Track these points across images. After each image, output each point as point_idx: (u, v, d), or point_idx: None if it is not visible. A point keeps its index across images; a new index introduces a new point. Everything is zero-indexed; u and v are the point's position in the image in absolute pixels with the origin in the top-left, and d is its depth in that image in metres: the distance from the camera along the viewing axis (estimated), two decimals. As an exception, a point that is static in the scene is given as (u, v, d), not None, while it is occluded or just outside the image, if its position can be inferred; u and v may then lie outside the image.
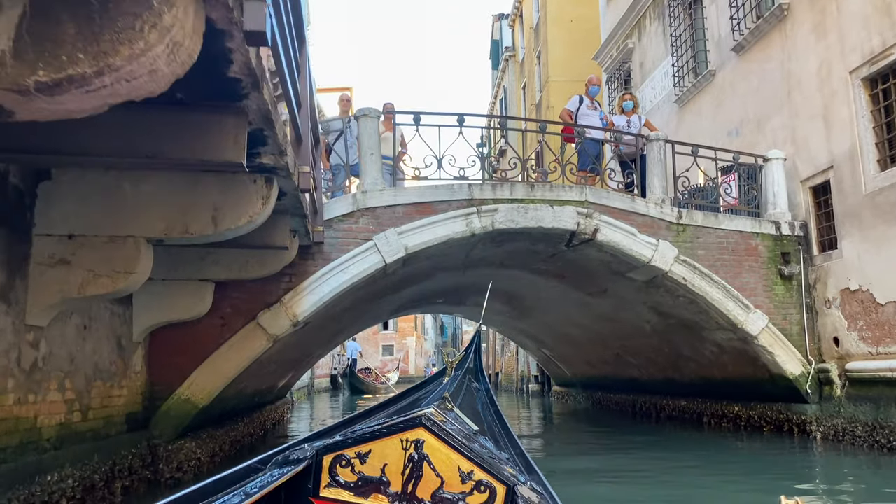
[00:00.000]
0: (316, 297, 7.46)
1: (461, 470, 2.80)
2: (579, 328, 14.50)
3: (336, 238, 7.70)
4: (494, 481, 2.78)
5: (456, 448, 2.83)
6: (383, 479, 2.84)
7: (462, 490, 2.79)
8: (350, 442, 2.92)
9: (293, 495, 2.85)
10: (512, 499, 2.75)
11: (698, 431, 11.41)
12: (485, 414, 4.58)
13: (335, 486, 2.86)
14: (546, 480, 3.35)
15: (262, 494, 2.57)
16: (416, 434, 2.87)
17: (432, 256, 8.80)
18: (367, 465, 2.86)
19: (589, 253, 9.27)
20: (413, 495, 2.81)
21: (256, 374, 8.65)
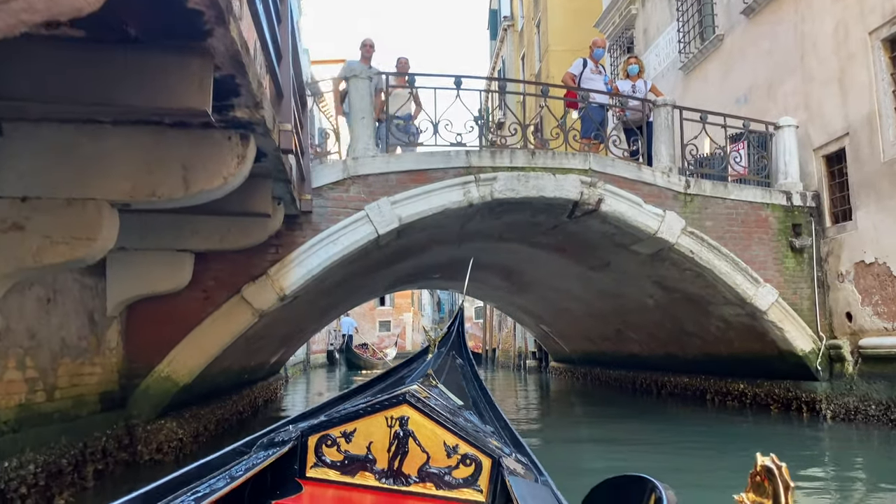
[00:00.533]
0: (304, 269, 7.04)
1: (446, 444, 2.81)
2: (579, 303, 14.13)
3: (325, 207, 7.27)
4: (480, 454, 2.80)
5: (441, 423, 2.83)
6: (369, 456, 2.84)
7: (448, 464, 2.81)
8: (335, 422, 2.90)
9: (279, 477, 2.83)
10: (498, 470, 2.77)
11: (701, 409, 11.09)
12: (469, 389, 4.60)
13: (322, 466, 2.85)
14: (531, 452, 3.36)
15: (248, 477, 2.53)
16: (400, 411, 2.86)
17: (427, 228, 8.37)
18: (353, 444, 2.85)
19: (592, 225, 8.85)
20: (400, 471, 2.82)
21: (244, 350, 8.27)
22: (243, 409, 10.30)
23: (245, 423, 9.93)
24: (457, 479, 2.81)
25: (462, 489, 2.80)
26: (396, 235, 7.90)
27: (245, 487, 2.56)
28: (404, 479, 2.83)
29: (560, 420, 12.17)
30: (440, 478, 2.81)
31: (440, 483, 2.81)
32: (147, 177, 4.13)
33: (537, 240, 10.30)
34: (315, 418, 3.14)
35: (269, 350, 10.67)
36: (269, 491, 2.77)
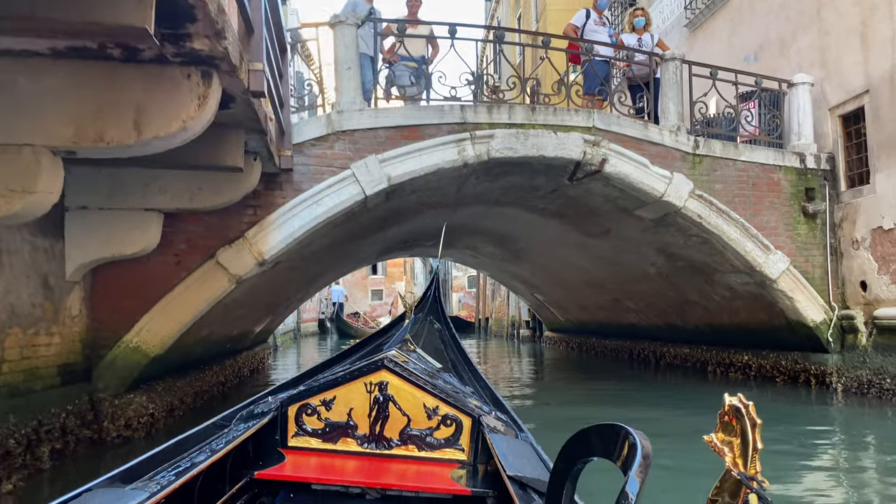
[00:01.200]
0: (284, 232, 6.50)
1: (426, 406, 2.85)
2: (576, 272, 13.66)
3: (308, 165, 6.70)
4: (460, 414, 2.85)
5: (420, 386, 2.87)
6: (350, 423, 2.86)
7: (429, 426, 2.85)
8: (314, 390, 2.91)
9: (261, 448, 2.82)
10: (478, 429, 2.82)
11: (702, 380, 10.71)
12: (448, 352, 4.65)
13: (303, 435, 2.87)
14: (511, 410, 3.40)
15: (229, 450, 2.50)
16: (379, 376, 2.88)
17: (419, 190, 7.83)
18: (333, 412, 2.87)
19: (594, 188, 8.32)
20: (381, 436, 2.85)
21: (223, 318, 7.76)
22: (226, 379, 9.83)
23: (228, 394, 9.49)
24: (438, 439, 2.85)
25: (444, 449, 2.85)
26: (385, 197, 7.36)
27: (226, 460, 2.52)
28: (386, 443, 2.85)
29: (553, 391, 11.78)
30: (422, 439, 2.85)
31: (422, 444, 2.85)
32: (94, 120, 3.58)
33: (535, 204, 9.77)
34: (294, 388, 3.13)
35: (253, 318, 10.17)
36: (251, 462, 2.73)
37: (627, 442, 1.26)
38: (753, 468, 0.99)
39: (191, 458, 2.34)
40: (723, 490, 1.01)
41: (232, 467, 2.58)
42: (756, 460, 0.99)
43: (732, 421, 1.03)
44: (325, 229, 7.09)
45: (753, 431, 0.99)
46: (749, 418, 1.00)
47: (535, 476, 2.27)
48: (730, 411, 1.03)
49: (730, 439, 1.02)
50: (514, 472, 2.28)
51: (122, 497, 1.89)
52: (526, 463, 2.44)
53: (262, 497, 2.75)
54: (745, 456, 1.00)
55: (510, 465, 2.34)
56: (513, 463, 2.37)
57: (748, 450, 0.99)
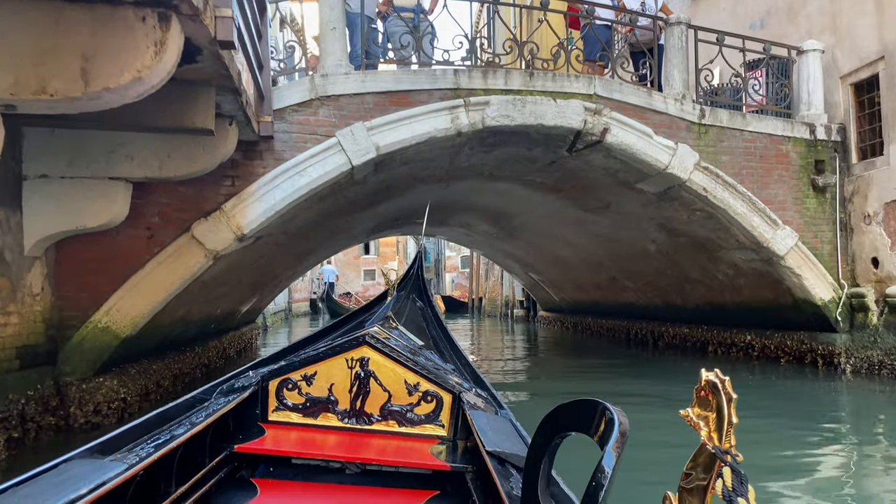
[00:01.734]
0: (265, 205, 6.07)
1: (407, 383, 2.87)
2: (572, 249, 13.27)
3: (290, 133, 6.25)
4: (440, 390, 2.86)
5: (401, 362, 2.88)
6: (331, 398, 2.88)
7: (410, 401, 2.87)
8: (295, 365, 2.92)
9: (241, 422, 2.81)
10: (458, 405, 2.84)
11: (702, 361, 10.38)
12: (430, 329, 4.68)
13: (283, 410, 2.88)
14: (491, 387, 3.40)
15: (209, 423, 2.48)
16: (360, 352, 2.89)
17: (410, 162, 7.39)
18: (314, 387, 2.88)
19: (594, 159, 7.90)
20: (362, 411, 2.86)
21: (202, 297, 7.34)
22: (210, 361, 9.43)
23: (213, 376, 9.08)
24: (419, 415, 2.87)
25: (424, 425, 2.86)
26: (374, 168, 6.92)
27: (206, 433, 2.50)
28: (367, 418, 2.86)
29: (547, 370, 11.47)
30: (402, 415, 2.86)
31: (402, 420, 2.86)
32: (35, 69, 3.15)
33: (532, 178, 9.35)
34: (275, 363, 3.11)
35: (237, 298, 9.76)
36: (230, 436, 2.71)
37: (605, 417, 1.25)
38: (728, 442, 0.99)
39: (170, 431, 2.32)
40: (697, 463, 1.01)
41: (212, 441, 2.56)
42: (731, 434, 0.99)
43: (709, 396, 1.03)
44: (309, 202, 6.66)
45: (729, 406, 0.99)
46: (725, 393, 1.00)
47: (514, 451, 2.25)
48: (706, 386, 1.03)
49: (706, 414, 1.03)
50: (493, 447, 2.27)
51: (101, 468, 1.85)
52: (505, 439, 2.43)
53: (241, 471, 2.72)
54: (720, 430, 1.00)
55: (489, 441, 2.33)
56: (492, 439, 2.37)
57: (723, 424, 0.99)
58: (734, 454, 0.98)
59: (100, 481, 1.75)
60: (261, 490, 2.55)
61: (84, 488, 1.70)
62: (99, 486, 1.73)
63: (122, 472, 1.85)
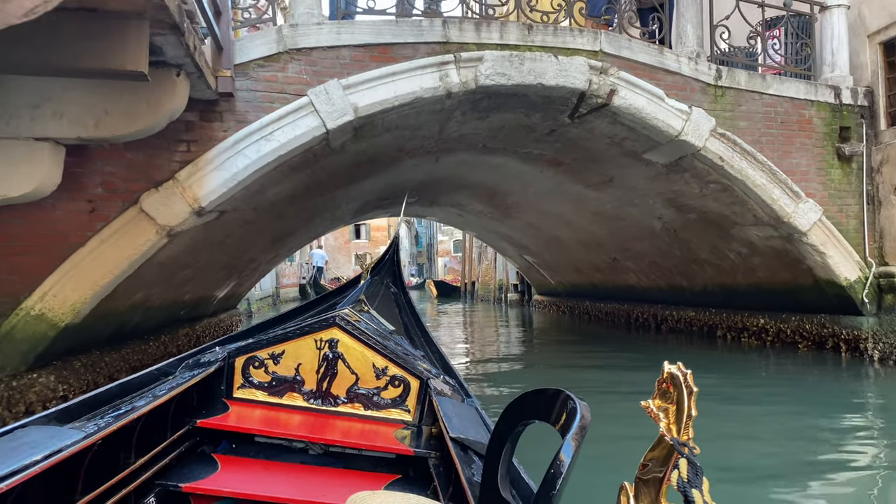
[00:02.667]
0: (226, 174, 5.29)
1: (375, 366, 2.87)
2: (570, 230, 12.53)
3: (254, 92, 5.46)
4: (408, 375, 2.87)
5: (370, 346, 2.88)
6: (298, 378, 2.87)
7: (377, 385, 2.87)
8: (262, 343, 2.90)
9: (206, 397, 2.78)
10: (425, 391, 2.86)
11: (710, 346, 9.73)
12: (402, 315, 4.68)
13: (249, 387, 2.87)
14: (460, 376, 3.39)
15: (172, 396, 2.45)
16: (330, 334, 2.88)
17: (395, 128, 6.61)
18: (281, 366, 2.88)
19: (598, 126, 7.14)
20: (328, 392, 2.87)
21: (163, 280, 6.57)
22: (179, 350, 8.67)
23: (183, 367, 8.34)
24: (385, 399, 2.86)
25: (390, 409, 2.85)
26: (353, 135, 6.14)
27: (169, 406, 2.47)
28: (333, 400, 2.86)
29: (543, 357, 10.78)
30: (368, 398, 2.86)
31: (368, 403, 2.86)
32: None
33: (529, 150, 8.58)
34: (243, 340, 3.07)
35: (208, 282, 8.98)
36: (194, 410, 2.67)
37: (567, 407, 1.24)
38: (686, 434, 0.99)
39: (132, 402, 2.29)
40: (655, 455, 1.01)
41: (174, 414, 2.52)
42: (689, 427, 0.99)
43: (670, 388, 1.02)
44: (279, 173, 5.89)
45: (689, 399, 0.99)
46: (686, 386, 1.00)
47: (478, 439, 2.26)
48: (668, 378, 1.03)
49: (666, 406, 1.02)
50: (456, 434, 2.27)
51: (58, 435, 1.82)
52: (469, 426, 2.44)
53: (203, 446, 2.67)
54: (679, 422, 0.99)
55: (453, 428, 2.33)
56: (456, 425, 2.37)
57: (682, 417, 0.99)
58: (692, 446, 0.98)
59: (55, 448, 1.71)
60: (222, 466, 2.51)
61: (38, 454, 1.65)
62: (54, 454, 1.69)
63: (80, 441, 1.80)
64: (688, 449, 0.97)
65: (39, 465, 1.62)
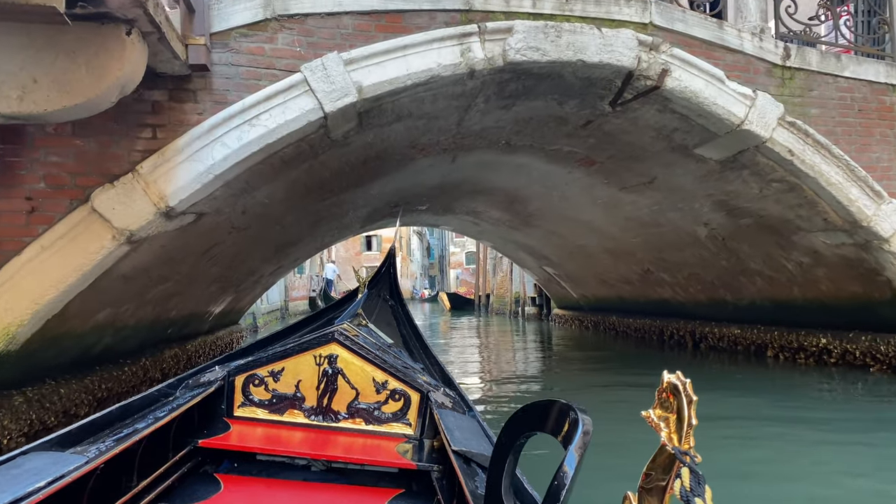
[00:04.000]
0: (201, 166, 4.31)
1: (375, 381, 2.86)
2: (599, 238, 11.48)
3: (236, 66, 4.49)
4: (408, 389, 2.86)
5: (369, 360, 2.87)
6: (298, 394, 2.86)
7: (377, 399, 2.86)
8: (262, 361, 2.91)
9: (206, 417, 2.77)
10: (426, 404, 2.84)
11: (759, 367, 8.68)
12: (400, 328, 4.77)
13: (249, 405, 2.86)
14: (460, 388, 3.39)
15: (173, 417, 2.45)
16: (329, 349, 2.88)
17: (406, 117, 5.63)
18: (281, 383, 2.87)
19: (644, 116, 6.13)
20: (329, 408, 2.85)
21: (135, 296, 5.60)
22: (166, 372, 7.69)
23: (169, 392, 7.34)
24: (386, 413, 2.85)
25: (391, 423, 2.85)
26: (357, 122, 5.16)
27: (170, 427, 2.46)
28: (334, 416, 2.85)
29: (566, 378, 9.70)
30: (369, 413, 2.85)
31: (369, 418, 2.85)
32: None
33: (558, 147, 7.57)
34: (242, 358, 3.06)
35: (199, 297, 8.01)
36: (195, 431, 2.65)
37: (569, 418, 1.24)
38: (687, 443, 0.99)
39: (133, 425, 2.27)
40: (657, 464, 1.01)
41: (176, 435, 2.51)
42: (690, 436, 0.99)
43: (670, 397, 1.03)
44: (269, 168, 4.91)
45: (689, 408, 0.99)
46: (686, 395, 1.00)
47: (480, 451, 2.23)
48: (668, 388, 1.03)
49: (666, 415, 1.02)
50: (459, 446, 2.25)
51: (59, 461, 1.82)
52: (471, 438, 2.41)
53: (205, 466, 2.64)
54: (679, 431, 1.00)
55: (456, 440, 2.31)
56: (458, 438, 2.35)
57: (683, 426, 0.99)
58: (693, 455, 0.98)
59: (58, 474, 1.71)
60: (224, 485, 2.47)
61: (41, 481, 1.66)
62: (57, 480, 1.70)
63: (82, 466, 1.81)
64: (689, 458, 0.97)
65: (42, 492, 1.62)
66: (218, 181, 4.43)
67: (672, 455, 0.98)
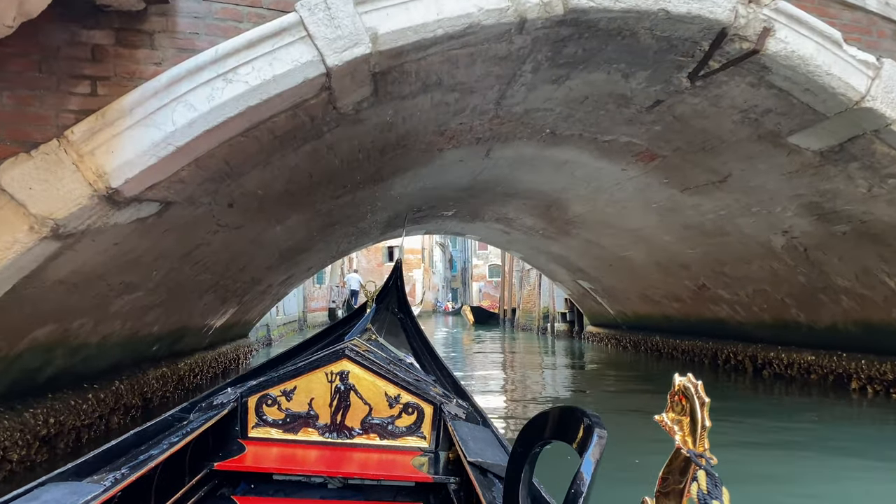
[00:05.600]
0: (157, 133, 3.16)
1: (388, 395, 2.85)
2: (647, 249, 10.20)
3: (209, 3, 3.35)
4: (421, 402, 2.85)
5: (381, 375, 2.86)
6: (311, 412, 2.85)
7: (391, 414, 2.84)
8: (274, 381, 2.89)
9: (221, 440, 2.74)
10: (440, 416, 2.82)
11: (839, 401, 7.40)
12: (411, 341, 4.72)
13: (263, 426, 2.85)
14: (473, 398, 3.39)
15: (188, 441, 2.42)
16: (340, 366, 2.88)
17: (434, 86, 4.47)
18: (294, 402, 2.86)
19: (731, 92, 4.90)
20: (343, 425, 2.84)
21: (92, 307, 4.47)
22: (148, 399, 6.57)
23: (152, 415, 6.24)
24: (400, 427, 2.84)
25: (406, 437, 2.83)
26: (372, 89, 3.99)
27: (185, 452, 2.43)
28: (348, 432, 2.83)
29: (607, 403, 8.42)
30: (383, 428, 2.83)
31: (384, 433, 2.83)
32: None
33: (614, 137, 6.36)
34: (254, 379, 3.04)
35: (191, 309, 6.88)
36: (210, 454, 2.64)
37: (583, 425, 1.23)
38: (702, 446, 0.99)
39: (148, 451, 2.26)
40: (673, 468, 1.00)
41: (191, 459, 2.49)
42: (704, 438, 0.99)
43: (682, 400, 1.02)
44: (256, 144, 3.76)
45: (702, 410, 0.99)
46: (698, 397, 0.99)
47: (496, 461, 2.22)
48: (679, 391, 1.03)
49: (679, 418, 1.02)
50: (474, 458, 2.24)
51: (77, 491, 1.81)
52: (487, 449, 2.39)
53: (222, 488, 2.65)
54: (693, 434, 0.99)
55: (471, 452, 2.30)
56: (474, 449, 2.34)
57: (697, 428, 0.99)
58: (708, 457, 0.97)
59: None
60: None
61: None
62: None
63: (99, 495, 1.80)
64: (704, 460, 0.96)
65: None
66: (183, 157, 3.29)
67: (687, 458, 0.96)
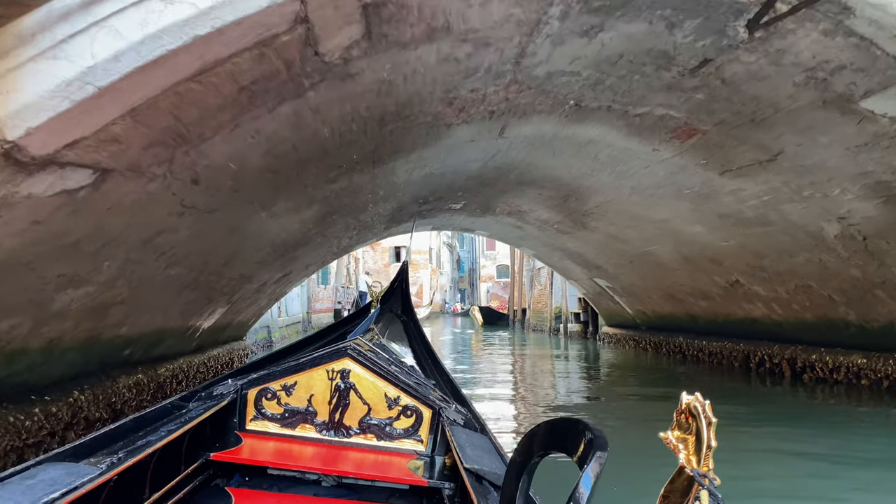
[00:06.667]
0: (70, 68, 2.35)
1: (387, 396, 2.85)
2: (675, 242, 9.34)
3: None
4: (421, 405, 2.85)
5: (382, 375, 2.86)
6: (310, 409, 2.85)
7: (389, 415, 2.84)
8: (274, 375, 2.89)
9: (218, 430, 2.76)
10: (438, 420, 2.82)
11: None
12: (413, 344, 4.72)
13: (261, 419, 2.85)
14: (472, 404, 3.39)
15: (186, 430, 2.44)
16: (341, 364, 2.87)
17: (442, 32, 3.68)
18: (294, 397, 2.86)
19: (796, 45, 4.07)
20: (340, 423, 2.83)
21: (27, 303, 3.68)
22: (118, 410, 5.78)
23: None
24: (398, 429, 2.84)
25: (403, 439, 2.84)
26: (365, 29, 3.19)
27: (183, 440, 2.45)
28: (345, 431, 2.83)
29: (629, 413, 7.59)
30: (381, 429, 2.83)
31: (381, 434, 2.83)
32: None
33: (649, 109, 5.52)
34: (255, 372, 3.04)
35: (166, 307, 6.07)
36: (207, 444, 2.65)
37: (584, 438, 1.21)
38: (706, 465, 0.98)
39: (146, 437, 2.26)
40: (675, 486, 1.00)
41: (188, 448, 2.50)
42: (709, 458, 0.98)
43: (688, 419, 1.01)
44: (216, 95, 2.96)
45: (708, 429, 0.98)
46: (705, 416, 0.99)
47: (493, 469, 2.20)
48: (686, 409, 1.01)
49: (685, 437, 1.01)
50: (471, 464, 2.23)
51: (74, 472, 1.82)
52: (484, 456, 2.38)
53: (217, 479, 2.64)
54: (698, 453, 0.98)
55: (468, 458, 2.29)
56: (470, 456, 2.32)
57: (702, 447, 0.98)
58: (712, 477, 0.97)
59: (72, 486, 1.73)
60: (235, 499, 2.45)
61: (55, 492, 1.66)
62: (70, 491, 1.70)
63: (95, 478, 1.81)
64: (708, 480, 0.96)
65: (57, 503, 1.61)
66: (111, 104, 2.49)
67: (691, 477, 0.96)
